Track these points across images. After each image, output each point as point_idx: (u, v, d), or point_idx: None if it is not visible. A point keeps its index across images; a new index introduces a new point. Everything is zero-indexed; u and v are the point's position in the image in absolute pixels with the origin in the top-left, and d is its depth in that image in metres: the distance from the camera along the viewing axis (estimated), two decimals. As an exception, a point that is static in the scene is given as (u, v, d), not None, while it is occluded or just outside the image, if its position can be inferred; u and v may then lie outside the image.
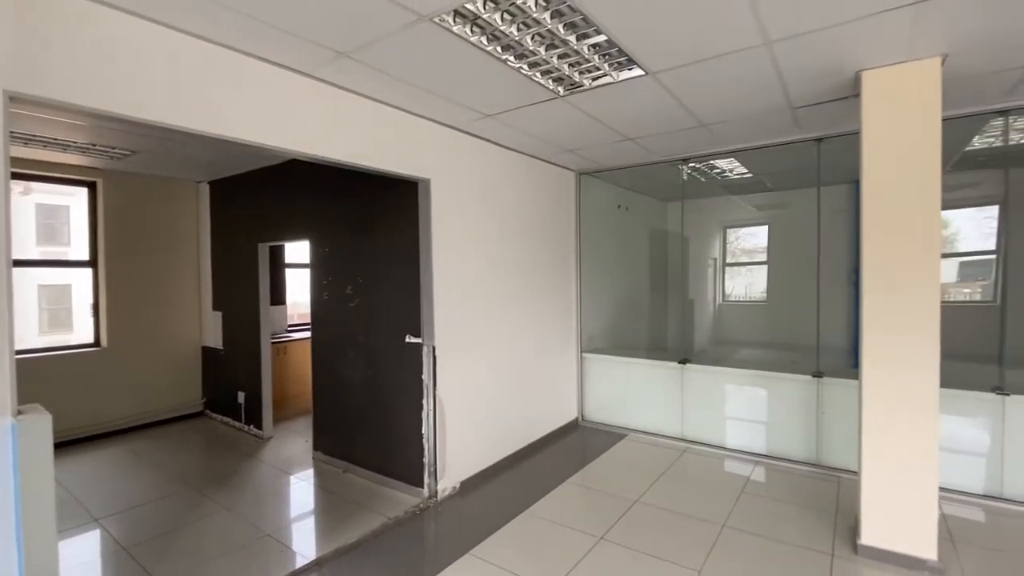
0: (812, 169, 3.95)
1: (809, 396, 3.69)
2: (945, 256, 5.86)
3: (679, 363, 4.26)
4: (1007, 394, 3.06)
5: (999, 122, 3.27)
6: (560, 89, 2.74)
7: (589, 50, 2.28)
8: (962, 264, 5.80)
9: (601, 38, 2.15)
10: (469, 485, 3.43)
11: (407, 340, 3.22)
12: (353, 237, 3.63)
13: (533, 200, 4.12)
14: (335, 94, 2.59)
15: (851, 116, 2.99)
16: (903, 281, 2.41)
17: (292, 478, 3.61)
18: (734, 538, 2.72)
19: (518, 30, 2.09)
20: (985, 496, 3.11)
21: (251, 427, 4.54)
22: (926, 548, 2.38)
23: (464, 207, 3.43)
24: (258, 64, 2.25)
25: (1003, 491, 3.08)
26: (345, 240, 3.69)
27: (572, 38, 2.17)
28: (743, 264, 7.62)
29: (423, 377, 3.18)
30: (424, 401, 3.18)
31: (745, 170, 4.87)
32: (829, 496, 3.19)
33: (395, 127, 2.92)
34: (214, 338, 4.99)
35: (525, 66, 2.43)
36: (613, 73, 2.53)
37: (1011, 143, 3.71)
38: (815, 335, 3.88)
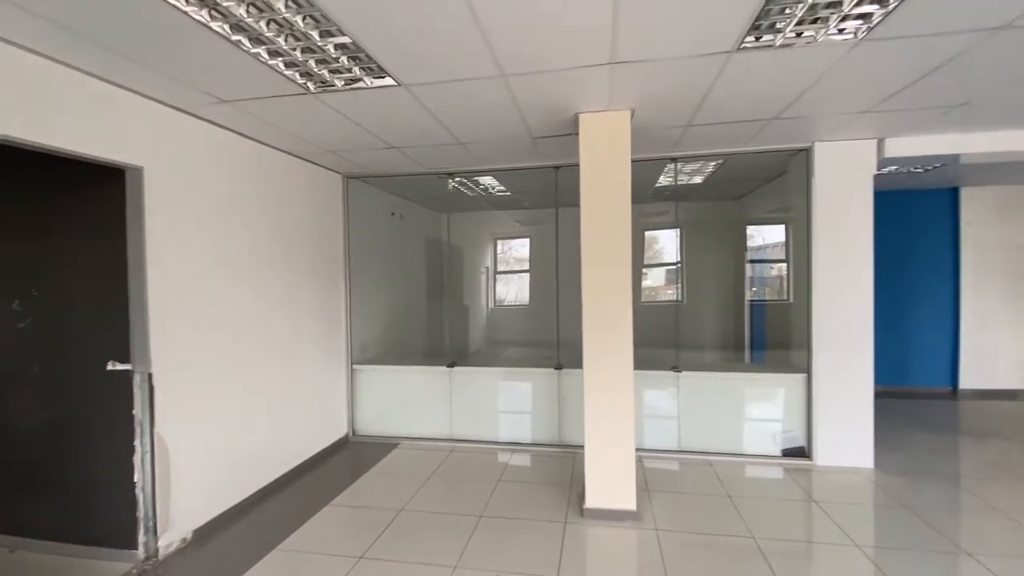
0: (560, 191, 4.60)
1: (552, 386, 4.26)
2: (650, 266, 7.56)
3: (447, 367, 4.44)
4: (680, 371, 4.06)
5: (672, 166, 4.34)
6: (310, 85, 2.57)
7: (336, 50, 2.19)
8: (667, 271, 7.52)
9: (346, 39, 2.09)
10: (207, 532, 2.91)
11: (109, 368, 2.57)
12: (21, 239, 2.74)
13: (294, 201, 3.78)
14: (-24, 41, 1.91)
15: (576, 150, 3.57)
16: (608, 289, 2.98)
17: (-90, 579, 2.52)
18: (489, 526, 2.94)
19: (247, 12, 1.88)
20: (672, 451, 4.06)
21: None
22: (628, 501, 2.97)
23: (202, 205, 2.92)
24: None
25: (681, 445, 4.06)
26: (7, 243, 2.76)
27: (315, 33, 2.05)
28: (510, 272, 8.43)
29: (135, 412, 2.57)
30: (137, 442, 2.58)
31: (503, 188, 5.38)
32: (568, 471, 3.73)
33: (85, 96, 2.31)
34: None
35: (263, 53, 2.20)
36: (367, 79, 2.49)
37: (680, 183, 4.97)
38: (559, 333, 4.51)
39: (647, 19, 1.96)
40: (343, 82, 2.52)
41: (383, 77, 2.46)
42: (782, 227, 5.33)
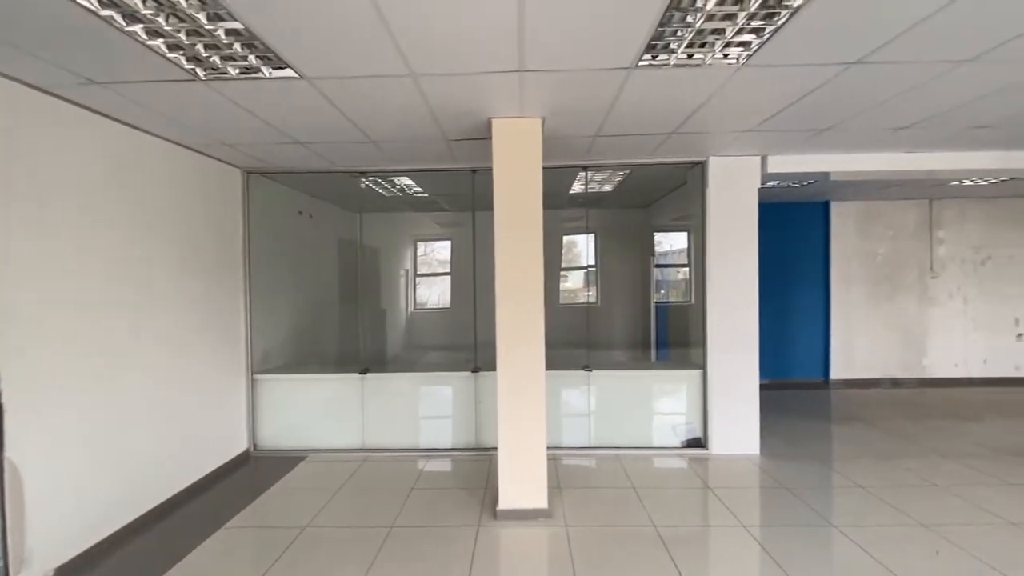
0: (476, 194, 4.59)
1: (469, 389, 4.25)
2: (567, 269, 7.81)
3: (360, 374, 4.28)
4: (591, 370, 4.22)
5: (583, 174, 4.51)
6: (200, 72, 2.36)
7: (227, 36, 2.03)
8: (585, 274, 7.78)
9: (238, 25, 1.94)
10: (73, 570, 2.56)
11: (-60, 386, 2.18)
12: None
13: (184, 196, 3.44)
14: None
15: (491, 154, 3.59)
16: (520, 292, 3.02)
17: None
18: (400, 536, 2.86)
19: (116, -16, 1.68)
20: (584, 447, 4.20)
21: None
22: (539, 499, 3.03)
23: (65, 197, 2.56)
24: None
25: (592, 441, 4.22)
26: None
27: (201, 16, 1.88)
28: (431, 275, 8.30)
29: (-25, 436, 2.20)
30: (-22, 471, 2.21)
31: (421, 189, 5.30)
32: (484, 474, 3.74)
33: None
34: None
35: (140, 32, 1.98)
36: (265, 69, 2.33)
37: (592, 190, 5.18)
38: (478, 336, 4.51)
39: (552, 25, 2.01)
40: (238, 71, 2.34)
41: (283, 68, 2.32)
42: (685, 234, 5.74)
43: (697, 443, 4.18)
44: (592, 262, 7.39)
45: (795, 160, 4.04)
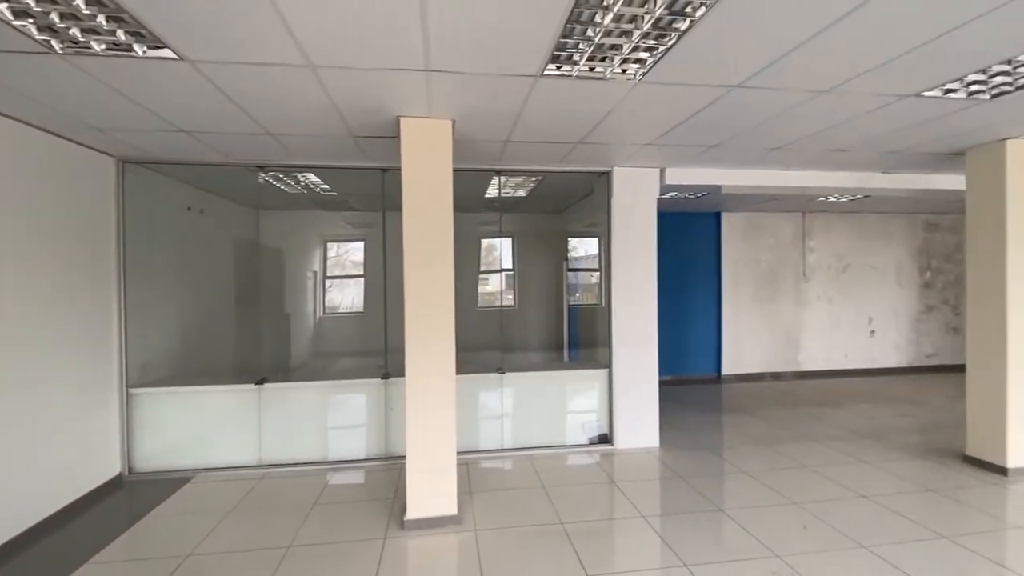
0: (385, 195, 4.45)
1: (379, 397, 4.11)
2: (485, 272, 7.83)
3: (256, 384, 3.97)
4: (504, 372, 4.26)
5: (497, 178, 4.56)
6: (55, 44, 2.06)
7: (88, 6, 1.79)
8: (506, 277, 7.83)
9: (99, -6, 1.72)
10: None
11: None
12: None
13: (39, 186, 2.99)
14: None
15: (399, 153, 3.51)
16: (431, 295, 2.97)
17: None
18: (298, 557, 2.68)
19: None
20: (498, 450, 4.22)
21: None
22: (449, 506, 2.99)
23: None
24: None
25: (506, 443, 4.25)
26: None
27: (51, -21, 1.65)
28: (341, 277, 7.93)
29: None
30: None
31: (328, 187, 5.05)
32: (393, 484, 3.62)
33: None
34: None
35: (-30, -9, 1.69)
36: (138, 47, 2.09)
37: (507, 195, 5.25)
38: (389, 341, 4.37)
39: (457, 24, 2.00)
40: (104, 46, 2.08)
41: (160, 48, 2.09)
42: (596, 239, 5.99)
43: (604, 439, 4.37)
44: (510, 266, 7.48)
45: (690, 173, 4.37)
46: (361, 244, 7.83)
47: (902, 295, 7.58)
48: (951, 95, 2.71)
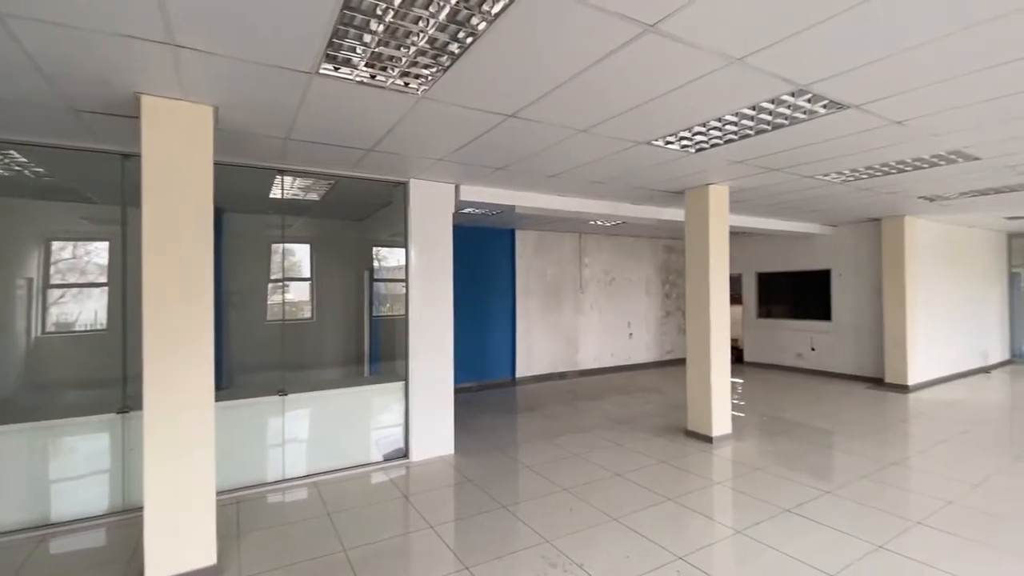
0: (129, 185, 3.63)
1: (115, 436, 3.31)
2: (276, 281, 7.02)
3: (-99, 436, 2.81)
4: (287, 394, 3.85)
5: (280, 178, 4.14)
6: None
7: None
8: (307, 287, 7.08)
9: None
10: None
11: None
12: None
13: None
14: None
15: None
16: (179, 305, 2.51)
17: None
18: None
19: None
20: (275, 482, 3.77)
21: None
22: (205, 556, 2.55)
23: None
24: None
25: (286, 473, 3.83)
26: None
27: None
28: (73, 286, 6.22)
29: None
30: None
31: (45, 171, 3.92)
32: (132, 541, 2.93)
33: None
34: None
35: None
36: None
37: (296, 197, 4.82)
38: (128, 367, 3.55)
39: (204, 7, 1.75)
40: None
41: None
42: (404, 250, 5.90)
43: (401, 454, 4.29)
44: (307, 274, 6.86)
45: (483, 191, 4.64)
46: (105, 245, 6.29)
47: (650, 303, 9.32)
48: (670, 146, 3.43)
